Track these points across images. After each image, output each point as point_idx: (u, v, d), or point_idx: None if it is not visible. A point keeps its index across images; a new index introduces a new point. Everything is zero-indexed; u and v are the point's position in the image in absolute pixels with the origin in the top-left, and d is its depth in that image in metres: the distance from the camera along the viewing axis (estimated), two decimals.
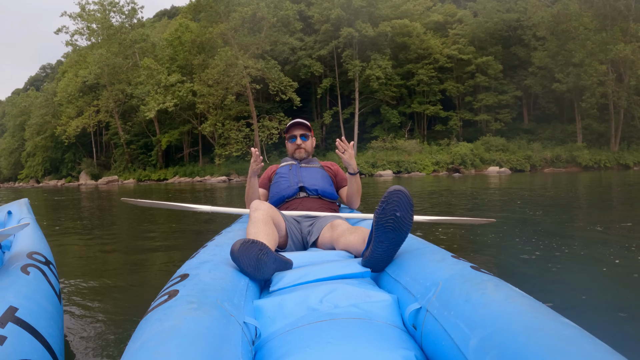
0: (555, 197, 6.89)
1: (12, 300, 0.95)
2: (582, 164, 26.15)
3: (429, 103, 28.60)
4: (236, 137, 28.17)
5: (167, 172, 31.90)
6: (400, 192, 1.08)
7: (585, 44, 27.19)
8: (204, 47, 30.09)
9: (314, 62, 28.39)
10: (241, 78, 27.01)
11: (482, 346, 0.70)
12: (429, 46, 28.15)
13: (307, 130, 2.26)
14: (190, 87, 28.84)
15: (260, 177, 2.25)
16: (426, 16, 29.97)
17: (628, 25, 28.19)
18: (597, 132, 28.98)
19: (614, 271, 2.16)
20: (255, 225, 1.45)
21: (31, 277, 1.13)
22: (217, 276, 1.00)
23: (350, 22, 27.74)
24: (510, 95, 28.66)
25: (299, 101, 26.85)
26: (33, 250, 1.37)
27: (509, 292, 0.82)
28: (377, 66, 26.53)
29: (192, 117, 31.60)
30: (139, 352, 0.66)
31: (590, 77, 26.67)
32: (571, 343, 0.63)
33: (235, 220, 2.19)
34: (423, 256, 1.10)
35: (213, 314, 0.79)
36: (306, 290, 1.02)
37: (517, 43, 29.96)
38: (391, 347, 0.80)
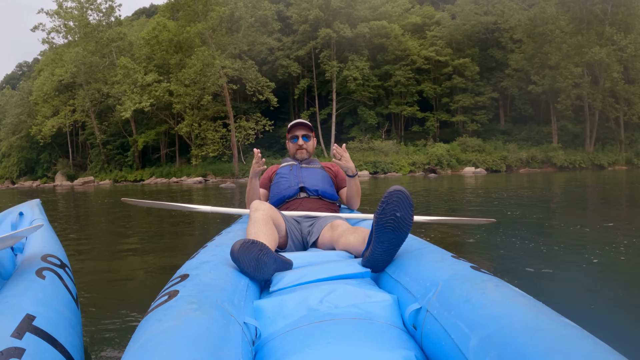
0: (539, 197, 6.95)
1: (28, 307, 0.90)
2: (557, 164, 26.45)
3: (406, 104, 28.63)
4: (213, 138, 27.79)
5: (143, 172, 31.36)
6: (401, 192, 1.07)
7: (561, 46, 27.54)
8: (181, 46, 29.69)
9: (292, 63, 28.19)
10: (218, 78, 26.68)
11: (482, 346, 0.70)
12: (407, 48, 28.20)
13: (309, 131, 2.26)
14: (167, 87, 28.45)
15: (261, 177, 2.23)
16: (404, 18, 30.05)
17: (604, 29, 28.64)
18: (573, 133, 29.36)
19: (613, 271, 2.15)
20: (255, 226, 1.45)
21: (47, 282, 1.08)
22: (217, 276, 1.00)
23: (328, 23, 27.63)
24: (487, 96, 28.88)
25: (276, 101, 26.61)
26: (47, 252, 1.31)
27: (509, 292, 0.82)
28: (354, 67, 26.45)
29: (168, 117, 31.12)
30: (139, 352, 0.66)
31: (565, 79, 27.02)
32: (571, 343, 0.62)
33: (235, 220, 2.18)
34: (423, 256, 1.10)
35: (213, 315, 0.79)
36: (306, 290, 1.02)
37: (494, 45, 30.23)
38: (391, 348, 0.80)
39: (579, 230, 3.43)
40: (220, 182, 23.91)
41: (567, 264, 2.34)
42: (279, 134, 29.93)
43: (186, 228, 4.39)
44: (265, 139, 29.55)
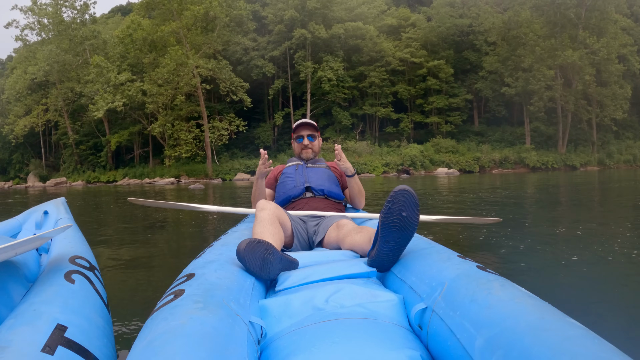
0: (519, 197, 7.04)
1: (59, 316, 0.85)
2: (530, 165, 26.71)
3: (381, 105, 28.61)
4: (186, 138, 27.37)
5: (116, 173, 30.76)
6: (407, 191, 1.07)
7: (535, 49, 27.85)
8: (155, 45, 29.25)
9: (267, 63, 27.93)
10: (191, 78, 26.32)
11: (488, 346, 0.70)
12: (382, 49, 28.20)
13: (314, 131, 2.25)
14: (140, 87, 28.02)
15: (266, 177, 2.23)
16: (380, 19, 30.04)
17: (577, 32, 29.06)
18: (546, 135, 29.71)
19: (620, 271, 2.14)
20: (261, 225, 1.44)
21: (77, 287, 1.03)
22: (223, 276, 1.00)
23: (304, 24, 27.46)
24: (461, 98, 29.05)
25: (250, 102, 26.31)
26: (75, 254, 1.26)
27: (515, 292, 0.81)
28: (328, 68, 26.32)
29: (142, 117, 30.62)
30: (145, 351, 0.66)
31: (538, 81, 27.32)
32: (577, 343, 0.63)
33: (241, 220, 2.17)
34: (429, 256, 1.10)
35: (219, 314, 0.79)
36: (312, 290, 1.02)
37: (469, 48, 30.46)
38: (397, 347, 0.80)
39: (582, 229, 3.45)
40: (193, 183, 23.55)
41: (572, 262, 2.33)
42: (254, 134, 29.64)
43: (191, 227, 4.38)
44: (239, 140, 29.22)
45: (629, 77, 33.38)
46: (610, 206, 5.69)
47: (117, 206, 8.01)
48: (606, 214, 4.68)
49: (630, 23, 34.15)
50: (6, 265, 1.06)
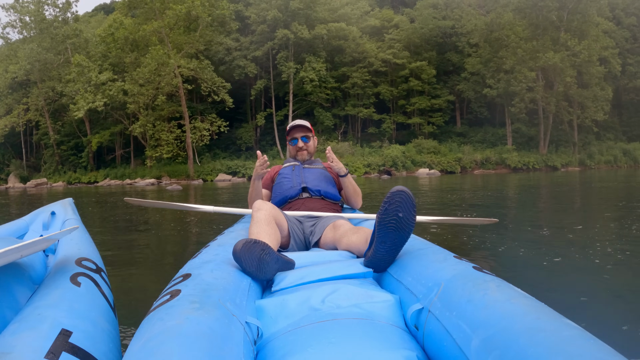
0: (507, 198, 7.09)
1: (63, 321, 0.84)
2: (511, 165, 26.88)
3: (363, 106, 28.60)
4: (167, 139, 27.08)
5: (97, 174, 30.35)
6: (403, 192, 1.07)
7: (516, 51, 28.04)
8: (137, 44, 28.98)
9: (249, 63, 27.77)
10: (172, 78, 26.06)
11: (484, 347, 0.70)
12: (365, 50, 28.19)
13: (307, 132, 2.25)
14: (121, 86, 27.72)
15: (263, 178, 2.20)
16: (364, 20, 30.04)
17: (559, 35, 29.31)
18: (527, 136, 29.93)
19: (616, 271, 2.15)
20: (257, 225, 1.45)
21: (83, 290, 1.01)
22: (219, 276, 1.00)
23: (287, 24, 27.35)
24: (443, 99, 29.15)
25: (231, 102, 26.12)
26: (82, 255, 1.24)
27: (511, 292, 0.81)
28: (311, 68, 26.23)
29: (123, 117, 30.27)
30: (140, 351, 0.66)
31: (519, 83, 27.50)
32: (573, 344, 0.63)
33: (237, 220, 2.18)
34: (425, 256, 1.10)
35: (215, 314, 0.79)
36: (308, 290, 1.02)
37: (451, 49, 30.58)
38: (393, 348, 0.80)
39: (576, 229, 3.49)
40: (174, 184, 23.30)
41: (568, 263, 2.35)
42: (236, 135, 29.45)
43: (188, 227, 4.39)
44: (221, 140, 29.00)
45: (610, 79, 33.82)
46: (600, 207, 5.72)
47: (98, 207, 7.89)
48: (596, 214, 4.72)
49: (612, 26, 34.58)
50: (12, 266, 1.04)
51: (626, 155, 32.25)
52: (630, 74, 36.04)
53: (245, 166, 25.19)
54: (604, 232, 3.33)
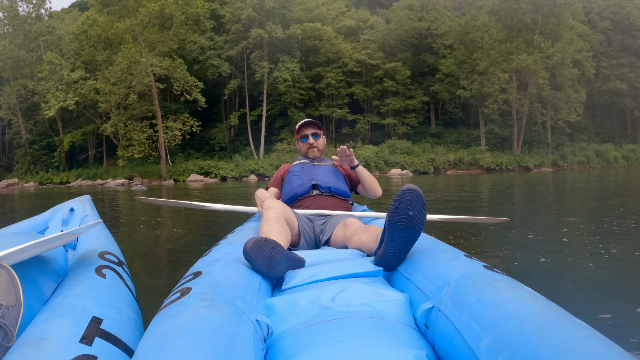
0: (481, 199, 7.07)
1: (93, 309, 0.87)
2: (484, 166, 27.08)
3: (337, 106, 28.55)
4: (139, 138, 26.68)
5: (70, 174, 29.83)
6: (414, 190, 1.08)
7: (490, 53, 28.28)
8: (111, 42, 28.55)
9: (223, 63, 27.51)
10: (144, 77, 25.70)
11: (494, 346, 0.70)
12: (339, 50, 28.16)
13: (317, 129, 2.25)
14: (93, 85, 27.31)
15: (273, 176, 2.25)
16: (339, 21, 30.02)
17: (533, 37, 29.64)
18: (501, 137, 30.22)
19: (629, 271, 2.14)
20: (268, 224, 1.45)
21: (109, 281, 1.05)
22: (229, 274, 1.00)
23: (261, 23, 27.17)
24: (418, 100, 29.26)
25: (204, 102, 25.84)
26: (104, 249, 1.28)
27: (522, 292, 0.81)
28: (284, 68, 26.08)
29: (95, 117, 29.78)
30: (151, 349, 0.66)
31: (493, 84, 27.72)
32: (583, 344, 0.63)
33: (248, 218, 2.19)
34: (435, 255, 1.10)
35: (225, 312, 0.79)
36: (318, 288, 1.02)
37: (426, 51, 30.72)
38: (403, 347, 0.80)
39: (583, 227, 3.49)
40: (145, 184, 22.96)
41: (578, 261, 2.33)
42: (209, 135, 29.15)
43: (199, 226, 4.39)
44: (195, 141, 28.70)
45: (584, 81, 34.37)
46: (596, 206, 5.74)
47: None
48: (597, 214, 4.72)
49: (586, 29, 35.14)
50: (37, 260, 1.07)
51: (599, 156, 32.78)
52: (604, 77, 36.71)
53: (218, 166, 24.94)
54: (610, 231, 3.34)
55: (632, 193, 7.10)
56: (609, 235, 3.09)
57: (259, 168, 24.56)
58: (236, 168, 24.72)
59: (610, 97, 36.75)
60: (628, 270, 2.20)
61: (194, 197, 10.15)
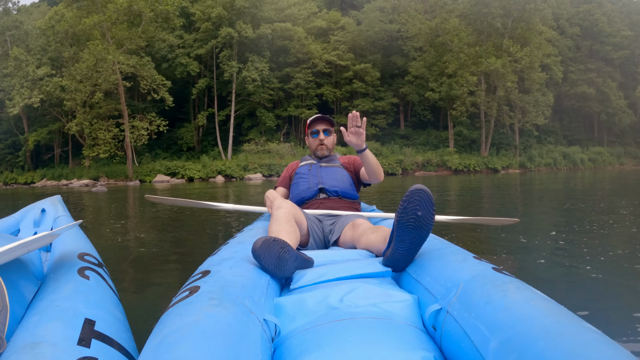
0: None
1: (84, 311, 0.86)
2: (452, 167, 27.46)
3: (306, 107, 28.56)
4: (104, 138, 26.18)
5: (34, 174, 29.08)
6: (422, 191, 1.07)
7: (459, 56, 28.71)
8: (78, 38, 27.99)
9: (191, 61, 27.22)
10: (110, 74, 25.24)
11: (502, 349, 0.70)
12: (309, 51, 28.17)
13: (329, 125, 2.20)
14: (59, 82, 26.70)
15: (281, 176, 2.24)
16: (310, 21, 30.04)
17: (502, 41, 30.18)
18: (470, 139, 30.69)
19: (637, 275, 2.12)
20: (277, 224, 1.46)
21: (92, 282, 1.04)
22: (238, 273, 1.01)
23: (231, 22, 26.98)
24: (387, 102, 29.48)
25: (171, 101, 25.51)
26: (82, 251, 1.26)
27: (531, 294, 0.81)
28: (253, 68, 25.95)
29: (61, 115, 29.10)
30: (159, 347, 0.67)
31: (461, 87, 28.14)
32: (592, 348, 0.63)
33: (257, 218, 2.18)
34: (444, 257, 1.10)
35: (233, 311, 0.80)
36: (326, 288, 1.02)
37: (397, 53, 30.95)
38: (410, 348, 0.80)
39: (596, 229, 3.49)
40: (113, 185, 22.54)
41: (589, 264, 2.31)
42: (177, 134, 28.81)
43: (208, 225, 4.39)
44: (162, 140, 28.33)
45: (552, 85, 35.21)
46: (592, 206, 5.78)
47: None
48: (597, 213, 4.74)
49: (555, 35, 35.97)
50: (15, 263, 1.04)
51: (566, 158, 33.63)
52: (572, 81, 37.67)
53: (185, 167, 24.65)
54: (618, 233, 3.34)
55: (600, 195, 7.33)
56: (610, 235, 3.14)
57: (226, 169, 24.37)
58: (203, 169, 24.48)
59: (577, 101, 37.72)
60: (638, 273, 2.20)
61: None
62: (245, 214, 4.80)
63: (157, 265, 2.64)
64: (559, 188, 9.78)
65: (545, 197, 7.43)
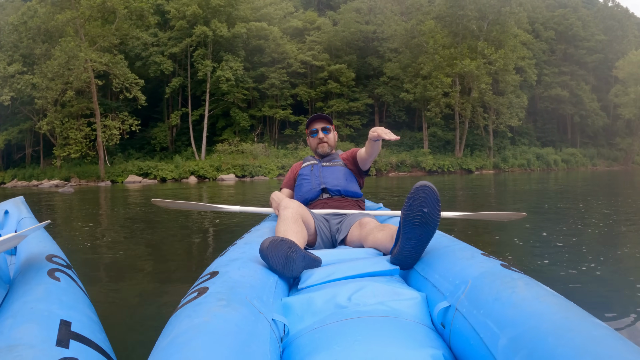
0: None
1: (59, 312, 0.85)
2: (426, 168, 27.78)
3: (280, 107, 28.55)
4: (75, 137, 25.77)
5: (5, 174, 28.44)
6: (427, 187, 1.08)
7: (434, 57, 29.05)
8: (51, 35, 27.49)
9: (165, 60, 26.96)
10: (82, 72, 24.85)
11: (512, 346, 0.70)
12: (285, 51, 28.17)
13: (328, 123, 2.22)
14: (30, 80, 26.17)
15: (286, 177, 2.27)
16: (286, 21, 30.03)
17: (477, 43, 30.64)
18: (444, 140, 31.09)
19: None
20: (284, 223, 1.47)
21: (64, 284, 1.02)
22: (246, 274, 1.01)
23: (207, 21, 26.81)
24: (362, 102, 29.65)
25: (144, 100, 25.24)
26: (50, 253, 1.25)
27: (540, 291, 0.81)
28: (228, 68, 25.83)
29: (32, 114, 28.54)
30: (168, 347, 0.67)
31: (435, 88, 28.49)
32: (602, 344, 0.62)
33: (264, 218, 2.18)
34: (452, 254, 1.10)
35: (242, 311, 0.80)
36: (334, 287, 1.02)
37: (372, 54, 31.15)
38: (419, 346, 0.80)
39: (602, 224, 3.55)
40: (84, 186, 22.20)
41: (598, 260, 2.31)
42: (151, 134, 28.52)
43: (216, 226, 4.41)
44: (135, 140, 28.02)
45: (527, 87, 35.89)
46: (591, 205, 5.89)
47: None
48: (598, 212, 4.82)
49: (530, 38, 36.65)
50: None
51: (539, 159, 34.32)
52: (546, 84, 38.47)
53: (157, 167, 24.41)
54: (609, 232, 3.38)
55: (572, 196, 7.53)
56: (609, 235, 3.22)
57: (199, 169, 24.22)
58: (176, 169, 24.29)
59: (551, 103, 38.54)
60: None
61: (131, 199, 9.86)
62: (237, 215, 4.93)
63: (124, 267, 2.66)
64: (535, 189, 9.96)
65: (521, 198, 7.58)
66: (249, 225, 3.37)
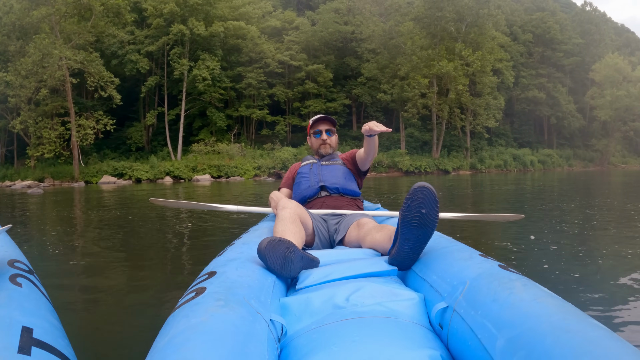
0: None
1: (20, 319, 0.83)
2: (403, 169, 28.10)
3: (257, 107, 28.58)
4: (49, 137, 25.42)
5: None
6: (426, 188, 1.08)
7: (412, 58, 29.37)
8: (26, 31, 27.04)
9: (142, 58, 26.74)
10: (56, 70, 24.52)
11: (509, 347, 0.70)
12: (262, 50, 28.17)
13: (332, 126, 2.25)
14: (3, 77, 25.69)
15: (284, 177, 2.29)
16: (265, 20, 30.02)
17: (454, 45, 31.05)
18: (421, 140, 31.48)
19: None
20: (282, 224, 1.46)
21: (26, 290, 1.00)
22: (244, 274, 1.01)
23: (184, 19, 26.67)
24: (339, 103, 29.83)
25: (119, 99, 25.01)
26: (12, 258, 1.22)
27: (537, 292, 0.81)
28: (204, 67, 25.74)
29: (6, 112, 28.04)
30: (166, 348, 0.67)
31: (412, 89, 28.83)
32: (599, 345, 0.63)
33: (262, 218, 2.18)
34: (450, 254, 1.10)
35: (240, 311, 0.80)
36: (332, 288, 1.03)
37: (350, 54, 31.33)
38: (417, 347, 0.80)
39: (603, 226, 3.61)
40: (58, 186, 21.93)
41: (594, 260, 2.34)
42: (126, 134, 28.30)
43: (214, 226, 4.38)
44: (111, 140, 27.75)
45: (504, 89, 36.54)
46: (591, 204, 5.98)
47: None
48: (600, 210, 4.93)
49: (508, 40, 37.31)
50: None
51: (516, 160, 34.97)
52: (523, 86, 39.21)
53: (132, 168, 24.24)
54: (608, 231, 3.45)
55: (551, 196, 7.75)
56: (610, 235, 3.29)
57: (174, 170, 24.12)
58: (151, 169, 24.14)
59: (528, 104, 39.29)
60: None
61: (103, 200, 9.76)
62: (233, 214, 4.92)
63: (89, 272, 2.63)
64: (513, 189, 10.19)
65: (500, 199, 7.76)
66: None
